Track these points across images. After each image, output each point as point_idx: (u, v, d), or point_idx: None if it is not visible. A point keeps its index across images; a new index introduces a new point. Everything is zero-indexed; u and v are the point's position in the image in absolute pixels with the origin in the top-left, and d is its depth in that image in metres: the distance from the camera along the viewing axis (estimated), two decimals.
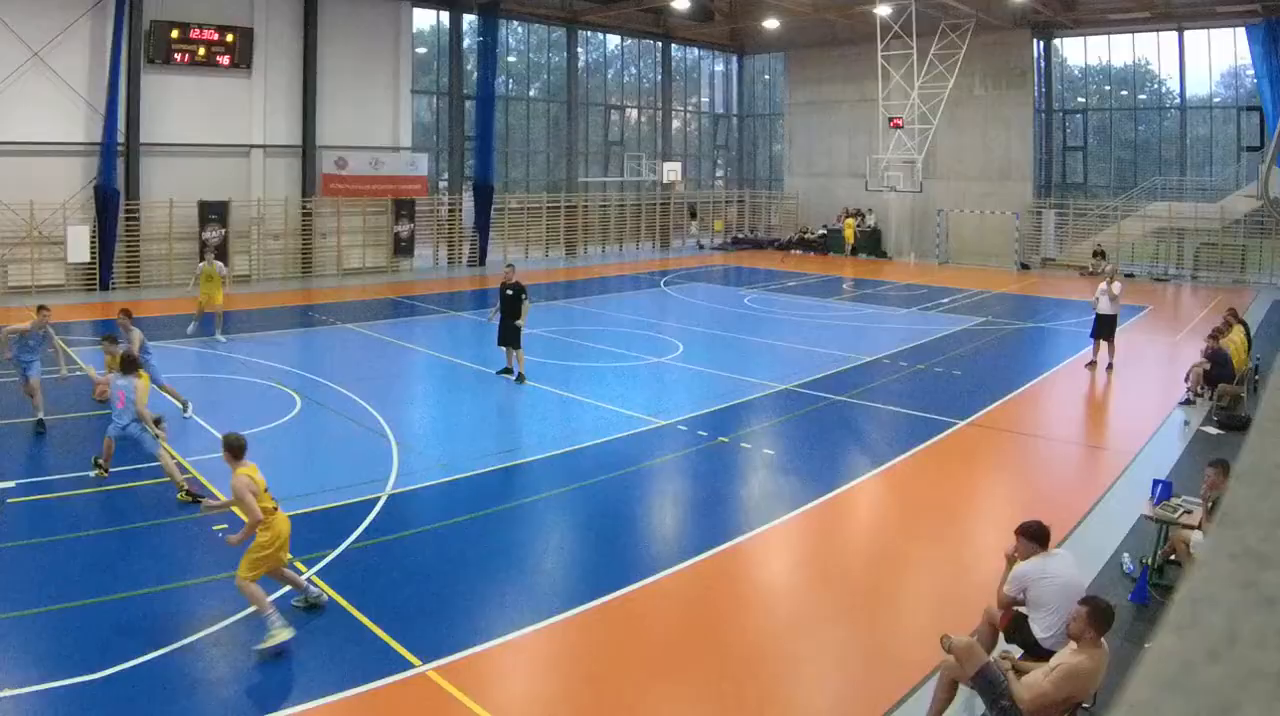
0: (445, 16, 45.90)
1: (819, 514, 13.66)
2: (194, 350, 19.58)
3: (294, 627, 9.65)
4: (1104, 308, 23.12)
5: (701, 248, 55.94)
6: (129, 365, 14.28)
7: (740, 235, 58.58)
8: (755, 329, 29.21)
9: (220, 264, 26.80)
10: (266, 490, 10.04)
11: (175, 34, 36.74)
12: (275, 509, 10.00)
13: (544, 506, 13.99)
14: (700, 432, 17.32)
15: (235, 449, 10.21)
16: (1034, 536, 8.87)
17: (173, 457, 14.27)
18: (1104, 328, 23.28)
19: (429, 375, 23.35)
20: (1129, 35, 46.67)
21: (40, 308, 17.84)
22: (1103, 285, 23.17)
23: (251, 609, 9.73)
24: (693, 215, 57.69)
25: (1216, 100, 45.82)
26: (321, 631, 9.88)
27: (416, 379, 23.10)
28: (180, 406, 18.03)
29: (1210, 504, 11.15)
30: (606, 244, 53.43)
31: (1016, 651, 8.67)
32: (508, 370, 21.61)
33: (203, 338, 24.94)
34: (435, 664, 9.19)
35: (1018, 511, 11.41)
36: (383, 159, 42.43)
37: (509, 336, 21.37)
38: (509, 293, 21.30)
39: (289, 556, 10.26)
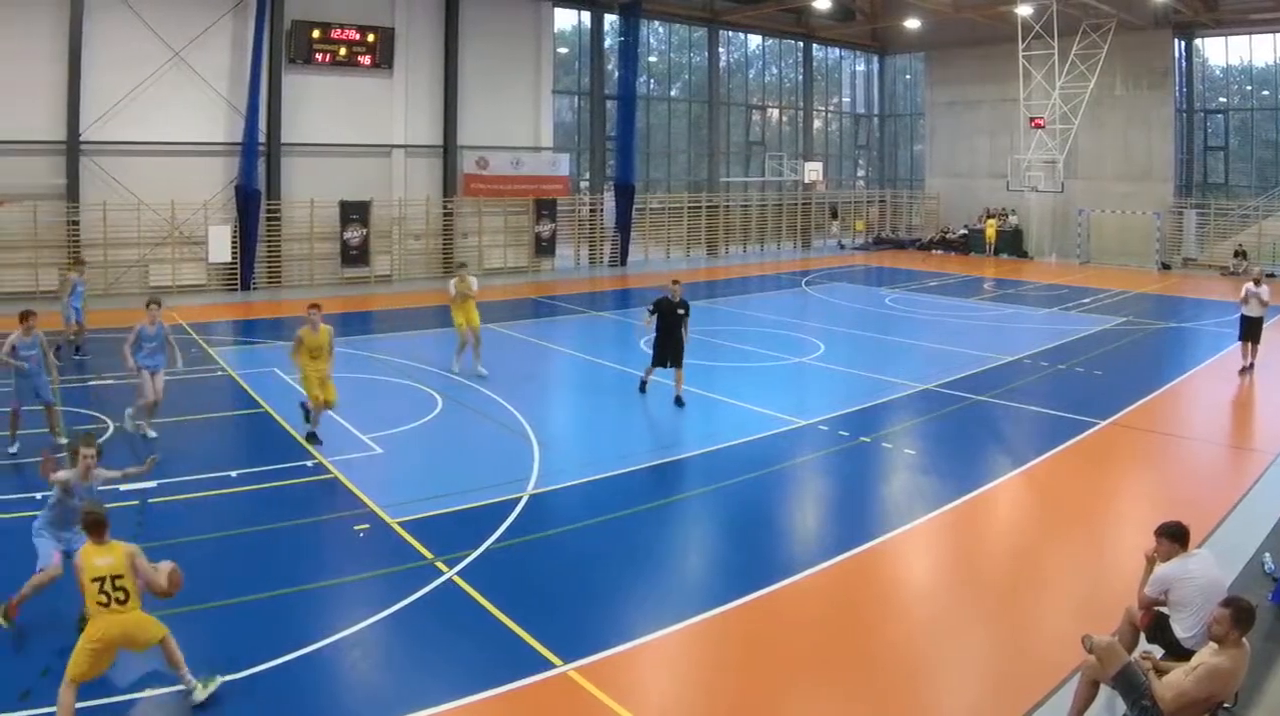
0: (586, 16, 43.09)
1: (959, 514, 13.01)
2: (341, 349, 17.56)
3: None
4: (1253, 310, 21.57)
5: (843, 248, 52.53)
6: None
7: (882, 235, 54.73)
8: (896, 329, 27.67)
9: (474, 279, 21.49)
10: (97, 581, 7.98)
11: (316, 34, 34.43)
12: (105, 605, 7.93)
13: (685, 506, 13.41)
14: (841, 433, 16.43)
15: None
16: (1174, 537, 8.38)
17: None
18: (1251, 330, 21.84)
19: (570, 375, 22.14)
20: (1271, 35, 43.67)
21: (150, 303, 16.24)
22: (1249, 286, 21.56)
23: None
24: (834, 215, 54.37)
25: None
26: (463, 631, 9.45)
27: (558, 379, 21.86)
28: None
29: None
30: (748, 244, 49.99)
31: (1157, 651, 8.23)
32: (644, 384, 18.98)
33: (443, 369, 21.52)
34: (576, 663, 8.80)
35: (1158, 511, 10.83)
36: (524, 159, 39.65)
37: (673, 355, 18.20)
38: (680, 311, 18.16)
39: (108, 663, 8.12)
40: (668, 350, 18.10)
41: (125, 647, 8.01)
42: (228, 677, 8.30)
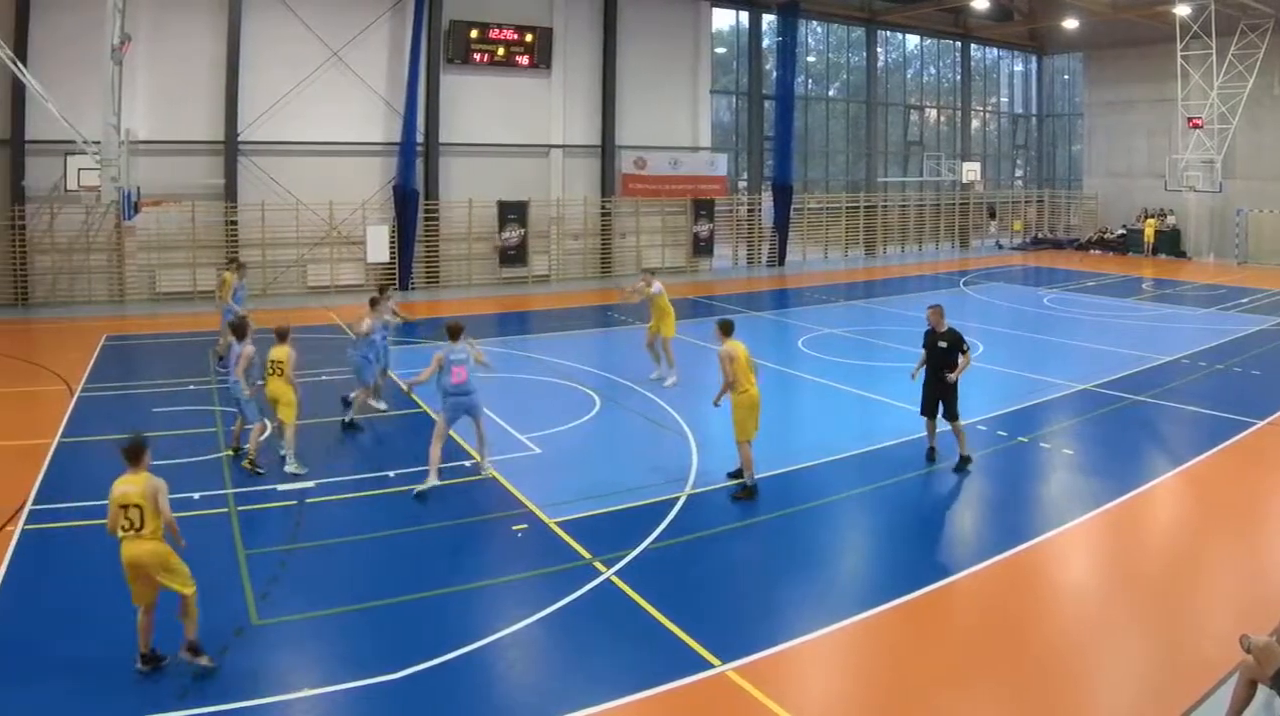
0: (744, 16, 39.34)
1: (1117, 514, 12.08)
2: (498, 350, 17.62)
3: None
4: None
5: (1000, 248, 48.05)
6: (454, 334, 12.64)
7: (1040, 235, 50.16)
8: (1054, 329, 25.64)
9: (659, 285, 18.64)
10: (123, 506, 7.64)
11: (474, 34, 31.59)
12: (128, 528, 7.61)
13: (843, 506, 12.43)
14: (1000, 432, 15.29)
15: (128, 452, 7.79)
16: None
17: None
18: None
19: None
20: None
21: (373, 300, 15.83)
22: None
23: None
24: (992, 215, 49.71)
25: None
26: (620, 631, 8.74)
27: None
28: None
29: None
30: (905, 244, 45.69)
31: None
32: (932, 451, 13.82)
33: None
34: (734, 663, 8.05)
35: None
36: (682, 159, 36.05)
37: (943, 402, 13.51)
38: (941, 344, 13.47)
39: (146, 593, 7.73)
40: (933, 395, 13.57)
41: (141, 576, 7.61)
42: (387, 677, 7.80)
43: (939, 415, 13.48)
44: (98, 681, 7.67)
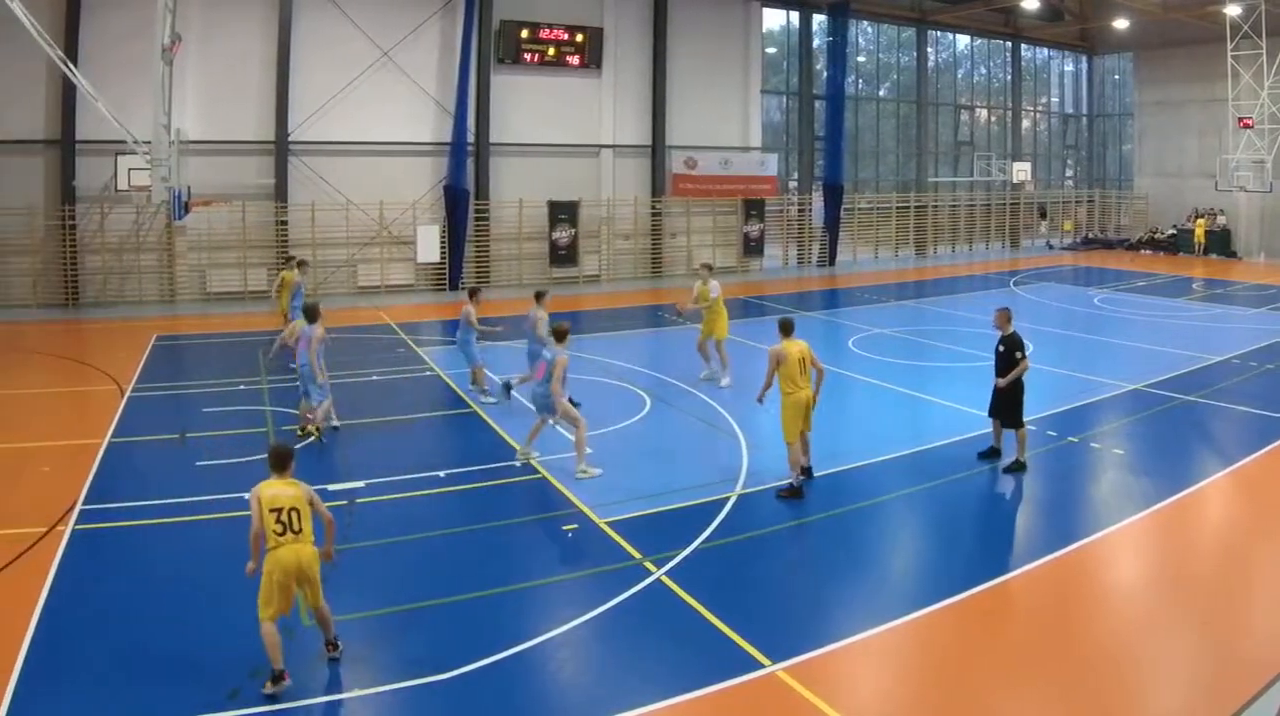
0: (795, 16, 37.95)
1: (1168, 514, 11.55)
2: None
3: None
4: None
5: (1051, 248, 46.46)
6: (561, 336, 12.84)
7: (1090, 235, 48.49)
8: (1104, 329, 24.98)
9: (716, 283, 17.96)
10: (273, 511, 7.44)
11: (525, 34, 30.53)
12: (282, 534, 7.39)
13: (893, 506, 11.91)
14: (1050, 432, 14.75)
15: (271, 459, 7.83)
16: None
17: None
18: None
19: None
20: None
21: (472, 292, 16.42)
22: None
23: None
24: (1042, 215, 48.15)
25: None
26: (671, 631, 8.45)
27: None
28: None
29: None
30: (956, 244, 44.16)
31: None
32: (993, 450, 13.26)
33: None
34: (785, 664, 7.78)
35: None
36: (732, 159, 34.69)
37: (1003, 408, 12.99)
38: (1000, 348, 13.03)
39: (288, 602, 7.55)
40: (997, 400, 13.01)
41: (299, 582, 7.47)
42: (438, 677, 7.54)
43: (1001, 421, 13.03)
44: (148, 680, 7.47)
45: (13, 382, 17.42)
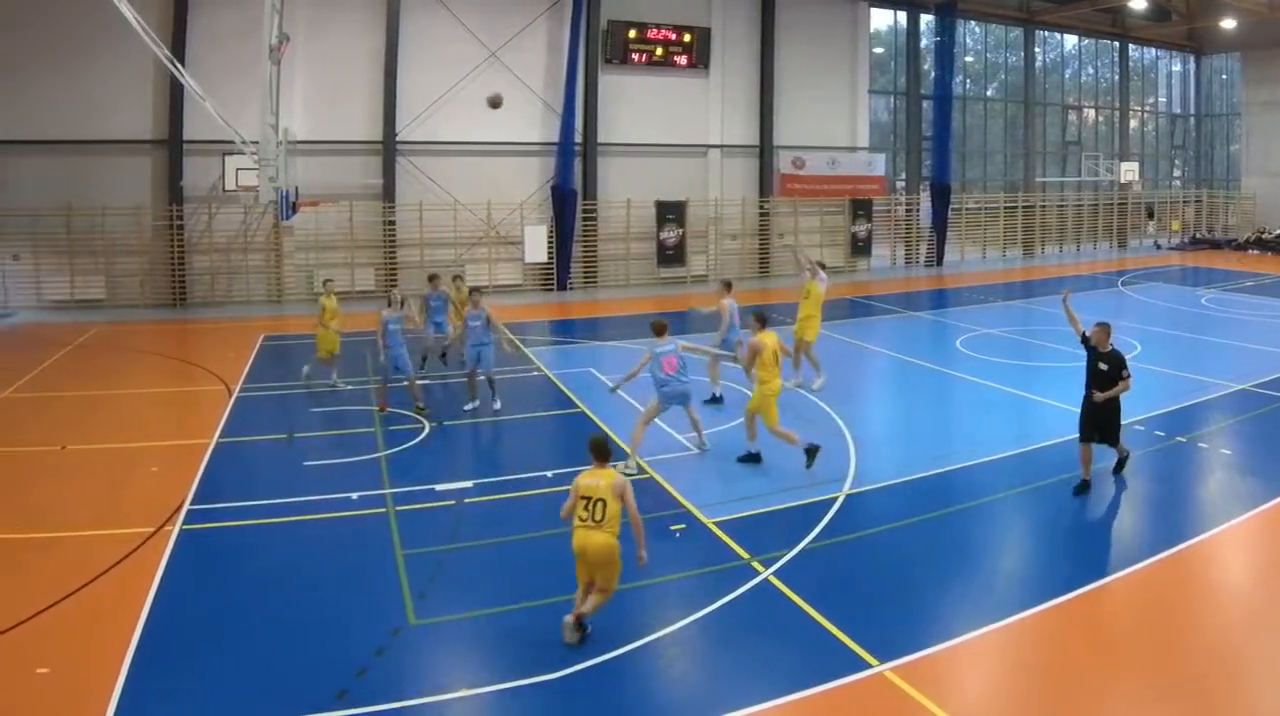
0: (903, 16, 35.11)
1: (1276, 515, 10.63)
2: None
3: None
4: None
5: (1159, 248, 43.09)
6: (660, 331, 12.27)
7: (1198, 235, 45.01)
8: (1212, 329, 23.44)
9: (825, 276, 16.46)
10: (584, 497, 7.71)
11: (632, 34, 28.42)
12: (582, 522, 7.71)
13: (999, 507, 11.09)
14: (1158, 432, 13.64)
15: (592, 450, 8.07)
16: None
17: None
18: None
19: (886, 375, 19.00)
20: None
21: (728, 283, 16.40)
22: None
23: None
24: (1150, 215, 44.63)
25: None
26: (778, 631, 8.05)
27: (874, 379, 18.94)
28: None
29: None
30: (1064, 244, 40.94)
31: None
32: (1084, 483, 11.28)
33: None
34: (892, 664, 7.35)
35: None
36: (840, 159, 32.07)
37: (1101, 424, 11.21)
38: (1101, 366, 11.22)
39: (586, 575, 7.78)
40: (1092, 419, 11.24)
41: (586, 562, 7.62)
42: (545, 677, 7.15)
43: (1097, 441, 11.26)
44: (255, 680, 7.15)
45: (122, 383, 16.74)
